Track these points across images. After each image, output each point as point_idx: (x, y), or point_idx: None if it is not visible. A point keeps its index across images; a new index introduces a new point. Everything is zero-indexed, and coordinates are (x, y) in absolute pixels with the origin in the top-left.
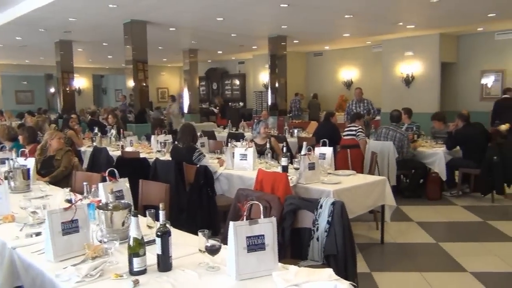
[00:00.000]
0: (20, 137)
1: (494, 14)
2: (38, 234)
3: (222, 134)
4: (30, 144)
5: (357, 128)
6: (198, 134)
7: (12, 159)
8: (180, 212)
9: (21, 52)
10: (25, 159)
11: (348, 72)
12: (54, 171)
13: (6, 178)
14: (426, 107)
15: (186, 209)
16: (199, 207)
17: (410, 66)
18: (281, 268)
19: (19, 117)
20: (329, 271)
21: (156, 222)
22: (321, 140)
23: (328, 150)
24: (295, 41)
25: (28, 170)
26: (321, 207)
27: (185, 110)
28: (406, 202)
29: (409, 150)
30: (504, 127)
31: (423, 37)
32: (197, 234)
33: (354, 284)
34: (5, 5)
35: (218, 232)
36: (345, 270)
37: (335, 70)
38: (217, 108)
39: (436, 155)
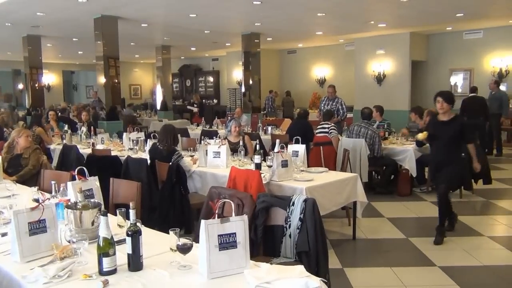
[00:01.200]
0: None
1: (462, 14)
2: (4, 234)
3: (195, 131)
4: None
5: (329, 125)
6: None
7: None
8: (152, 211)
9: None
10: None
11: (322, 70)
12: (21, 170)
13: None
14: (397, 104)
15: (158, 208)
16: (171, 205)
17: (382, 64)
18: (253, 266)
19: None
20: (300, 268)
21: (127, 221)
22: (294, 138)
23: (301, 148)
24: (268, 39)
25: None
26: (293, 204)
27: (158, 107)
28: (377, 198)
29: (381, 148)
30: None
31: (394, 35)
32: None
33: (325, 280)
34: None
35: (191, 230)
36: (316, 266)
37: (309, 68)
38: (195, 105)
39: (406, 152)
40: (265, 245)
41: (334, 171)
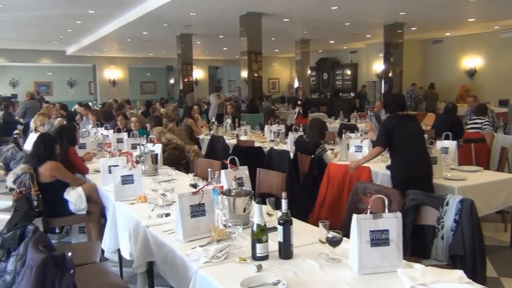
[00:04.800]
0: (147, 125)
1: None
2: (167, 215)
3: (333, 125)
4: None
5: (483, 121)
6: None
7: (142, 145)
8: (293, 202)
9: (146, 46)
10: (153, 145)
11: (471, 60)
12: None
13: (137, 162)
14: None
15: (299, 199)
16: (313, 197)
17: None
18: (405, 266)
19: (146, 106)
20: (460, 273)
21: (275, 210)
22: (444, 133)
23: (451, 144)
24: (412, 28)
25: (156, 155)
26: (447, 204)
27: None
28: None
29: None
30: None
31: None
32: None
33: None
34: (135, 3)
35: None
36: (472, 273)
37: (456, 58)
38: (299, 103)
39: None
40: (413, 245)
41: (489, 171)
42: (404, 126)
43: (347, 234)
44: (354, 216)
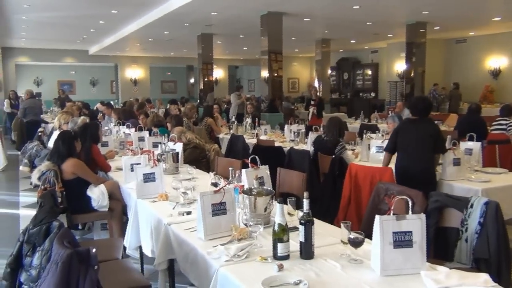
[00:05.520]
0: (168, 124)
1: None
2: (188, 213)
3: (353, 125)
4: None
5: (508, 121)
6: None
7: (164, 143)
8: (313, 202)
9: (167, 46)
10: (174, 144)
11: (496, 60)
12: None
13: (158, 160)
14: None
15: (319, 199)
16: (333, 198)
17: None
18: (429, 268)
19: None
20: (485, 276)
21: (296, 210)
22: (468, 134)
23: (475, 145)
24: (435, 28)
25: (177, 154)
26: (471, 206)
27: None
28: None
29: None
30: None
31: None
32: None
33: None
34: (157, 3)
35: None
36: (497, 277)
37: (480, 58)
38: (312, 103)
39: None
40: (436, 248)
41: None
42: (409, 130)
43: (368, 235)
44: (377, 217)
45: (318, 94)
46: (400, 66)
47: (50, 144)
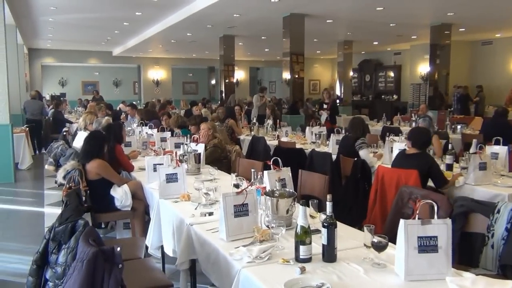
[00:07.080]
0: (192, 127)
1: None
2: (210, 213)
3: (376, 127)
4: (197, 132)
5: None
6: None
7: (186, 144)
8: (335, 204)
9: (190, 47)
10: (196, 144)
11: None
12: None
13: (181, 161)
14: None
15: (340, 202)
16: (355, 200)
17: None
18: (454, 274)
19: (191, 105)
20: None
21: (319, 212)
22: (494, 138)
23: (502, 150)
24: (461, 29)
25: (199, 154)
26: (498, 211)
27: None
28: None
29: None
30: None
31: None
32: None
33: None
34: (180, 5)
35: None
36: None
37: (507, 60)
38: (325, 106)
39: None
40: (461, 253)
41: None
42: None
43: (391, 239)
44: (402, 221)
45: (331, 96)
46: (423, 68)
47: (75, 143)
